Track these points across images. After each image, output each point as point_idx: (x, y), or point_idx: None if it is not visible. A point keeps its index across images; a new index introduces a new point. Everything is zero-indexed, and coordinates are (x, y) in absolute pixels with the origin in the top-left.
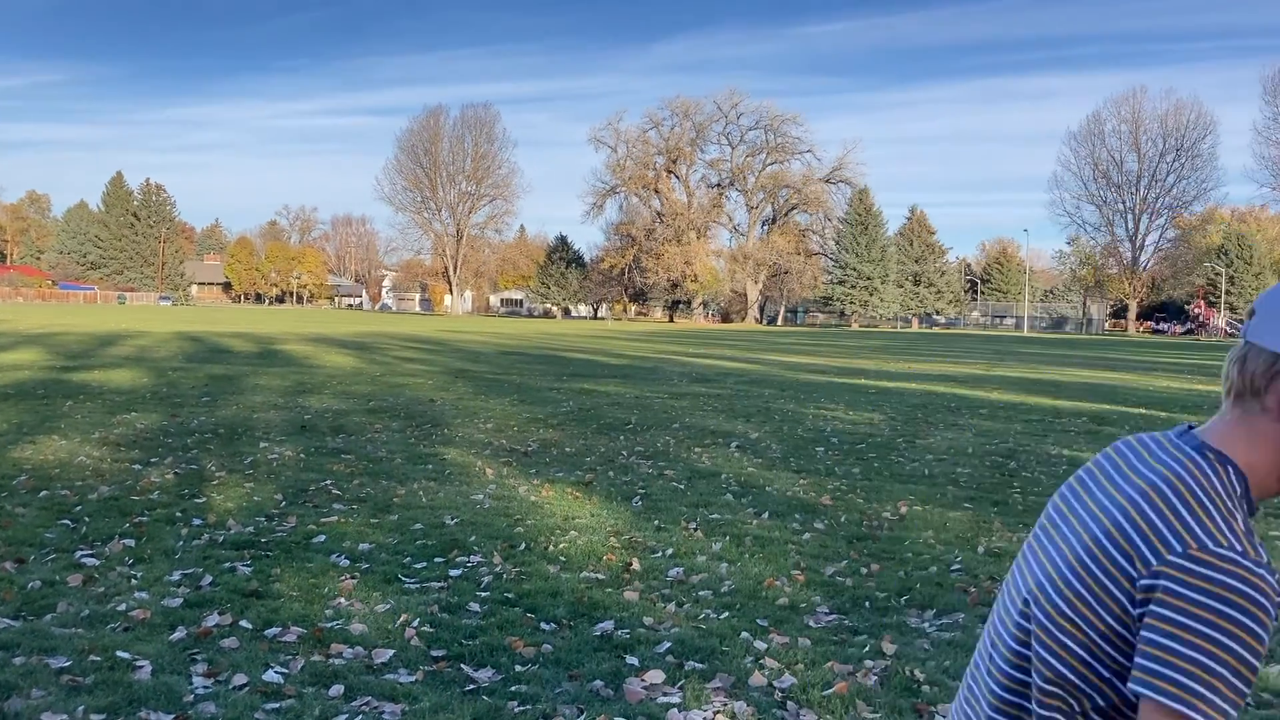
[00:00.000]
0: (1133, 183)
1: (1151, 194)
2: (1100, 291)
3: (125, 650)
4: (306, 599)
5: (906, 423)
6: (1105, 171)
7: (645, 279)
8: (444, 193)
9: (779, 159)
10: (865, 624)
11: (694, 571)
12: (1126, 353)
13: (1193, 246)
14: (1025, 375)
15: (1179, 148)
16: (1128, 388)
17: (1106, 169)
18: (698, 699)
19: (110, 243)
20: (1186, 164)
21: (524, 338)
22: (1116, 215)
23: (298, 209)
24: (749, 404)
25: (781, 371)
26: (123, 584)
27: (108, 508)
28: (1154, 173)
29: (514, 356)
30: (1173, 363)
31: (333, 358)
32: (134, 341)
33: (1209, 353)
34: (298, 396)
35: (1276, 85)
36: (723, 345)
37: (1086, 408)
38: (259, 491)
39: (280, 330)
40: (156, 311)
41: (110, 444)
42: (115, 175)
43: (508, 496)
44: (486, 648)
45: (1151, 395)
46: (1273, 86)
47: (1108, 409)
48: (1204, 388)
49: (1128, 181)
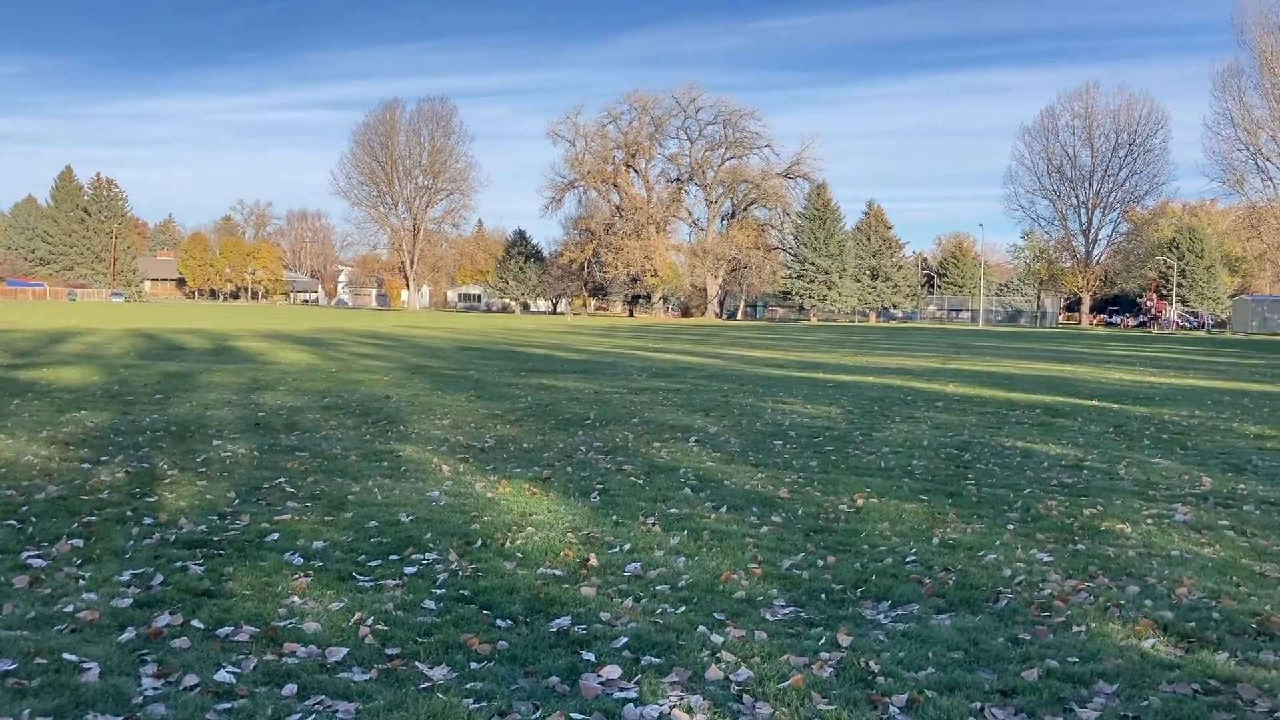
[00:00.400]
0: (1086, 177)
1: (1104, 188)
2: (1054, 285)
3: (72, 652)
4: (259, 598)
5: (863, 416)
6: (1059, 166)
7: (605, 273)
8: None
9: (738, 154)
10: (821, 616)
11: (652, 566)
12: (1080, 345)
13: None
14: (980, 368)
15: (1131, 142)
16: (1081, 380)
17: (1060, 163)
18: (654, 694)
19: (60, 238)
20: (1138, 158)
21: (482, 333)
22: (1070, 209)
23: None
24: (708, 398)
25: (740, 366)
26: (70, 585)
27: (55, 508)
28: (1106, 167)
29: (472, 352)
30: (1125, 355)
31: (288, 354)
32: (85, 339)
33: (1161, 345)
34: (252, 393)
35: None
36: (682, 340)
37: (1040, 400)
38: (212, 490)
39: (235, 326)
40: (108, 308)
41: (59, 443)
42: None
43: (464, 493)
44: (442, 645)
45: (1104, 388)
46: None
47: (1061, 401)
48: (1155, 379)
49: (1081, 176)
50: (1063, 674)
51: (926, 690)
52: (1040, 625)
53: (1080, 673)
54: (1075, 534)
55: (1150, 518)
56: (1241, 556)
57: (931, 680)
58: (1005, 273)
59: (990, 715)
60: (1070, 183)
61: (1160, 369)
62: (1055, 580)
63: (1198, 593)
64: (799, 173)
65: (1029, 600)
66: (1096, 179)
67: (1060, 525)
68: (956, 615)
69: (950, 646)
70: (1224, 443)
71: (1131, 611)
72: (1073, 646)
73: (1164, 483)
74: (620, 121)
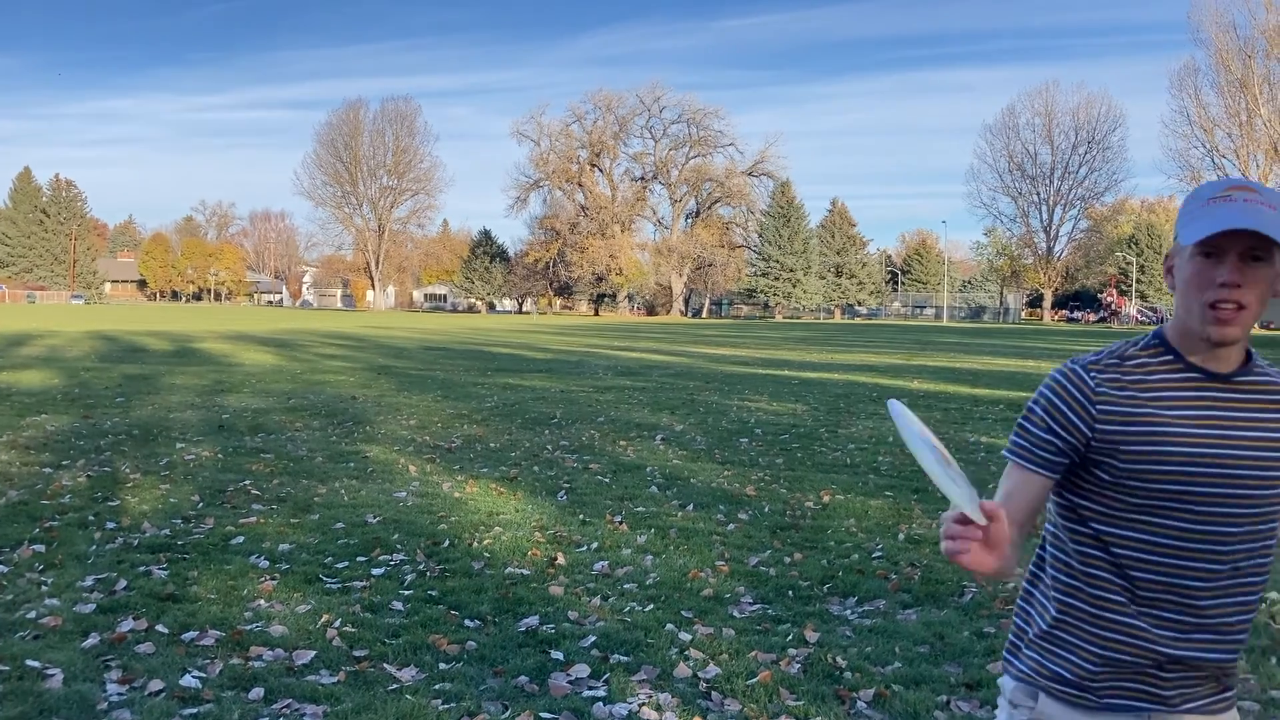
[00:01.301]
0: (1046, 174)
1: (1064, 185)
2: (1016, 281)
3: (35, 659)
4: (225, 601)
5: (829, 413)
6: (1020, 164)
7: (570, 273)
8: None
9: (702, 152)
10: (788, 613)
11: (619, 565)
12: (1042, 341)
13: (1104, 236)
14: (944, 364)
15: (1090, 140)
16: (1043, 374)
17: (1021, 161)
18: (623, 692)
19: (18, 240)
20: (1097, 156)
21: (448, 333)
22: (1031, 206)
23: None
24: (674, 396)
25: (706, 364)
26: (32, 591)
27: (16, 512)
28: (1066, 164)
29: (437, 352)
30: (1086, 349)
31: (252, 355)
32: (44, 341)
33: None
34: (215, 395)
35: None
36: (648, 338)
37: (1004, 395)
38: (175, 493)
39: (198, 328)
40: (68, 310)
41: (19, 447)
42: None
43: (431, 494)
44: (410, 646)
45: None
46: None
47: (1025, 395)
48: None
49: (1041, 173)
50: None
51: (893, 684)
52: (1005, 618)
53: None
54: (1038, 528)
55: None
56: None
57: (898, 674)
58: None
59: (956, 708)
60: (1031, 180)
61: None
62: (1019, 574)
63: None
64: (763, 171)
65: (993, 594)
66: (1057, 176)
67: None
68: (922, 610)
69: (916, 641)
70: None
71: None
72: None
73: None
74: (585, 121)
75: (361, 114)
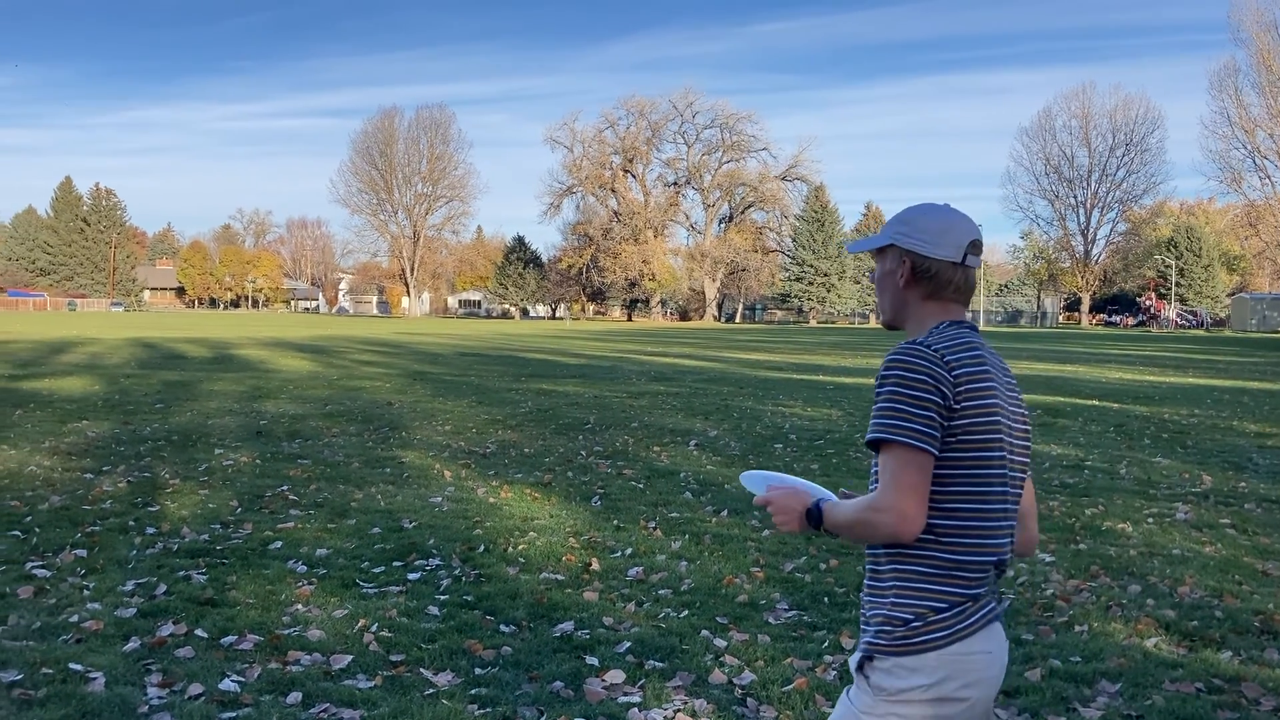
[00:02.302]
0: (1083, 177)
1: (1102, 188)
2: (1054, 285)
3: (78, 662)
4: (263, 606)
5: (864, 418)
6: (1056, 166)
7: (603, 278)
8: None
9: (735, 157)
10: (824, 620)
11: (653, 570)
12: (1079, 345)
13: (1143, 239)
14: None
15: (1128, 142)
16: (1081, 379)
17: (1058, 164)
18: (658, 698)
19: (60, 249)
20: (1135, 158)
21: (482, 339)
22: (1068, 209)
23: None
24: (707, 402)
25: (740, 369)
26: (75, 595)
27: (59, 518)
28: (1104, 167)
29: (472, 358)
30: (1124, 354)
31: (289, 362)
32: (85, 348)
33: (1160, 344)
34: (253, 401)
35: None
36: (681, 343)
37: (1041, 400)
38: (214, 498)
39: (235, 335)
40: (108, 318)
41: (61, 453)
42: (64, 180)
43: (466, 499)
44: (446, 651)
45: (1104, 387)
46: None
47: (1062, 401)
48: (1156, 378)
49: (1079, 176)
50: (1065, 673)
51: None
52: (1043, 625)
53: (1083, 672)
54: (1077, 534)
55: (1151, 517)
56: (1243, 555)
57: None
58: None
59: (994, 716)
60: (1068, 183)
61: (1160, 368)
62: (1057, 580)
63: (1200, 591)
64: (796, 175)
65: (1031, 600)
66: (1094, 179)
67: (1062, 525)
68: None
69: None
70: (1224, 441)
71: (1134, 611)
72: (1075, 646)
73: (1165, 482)
74: (617, 126)
75: (396, 121)
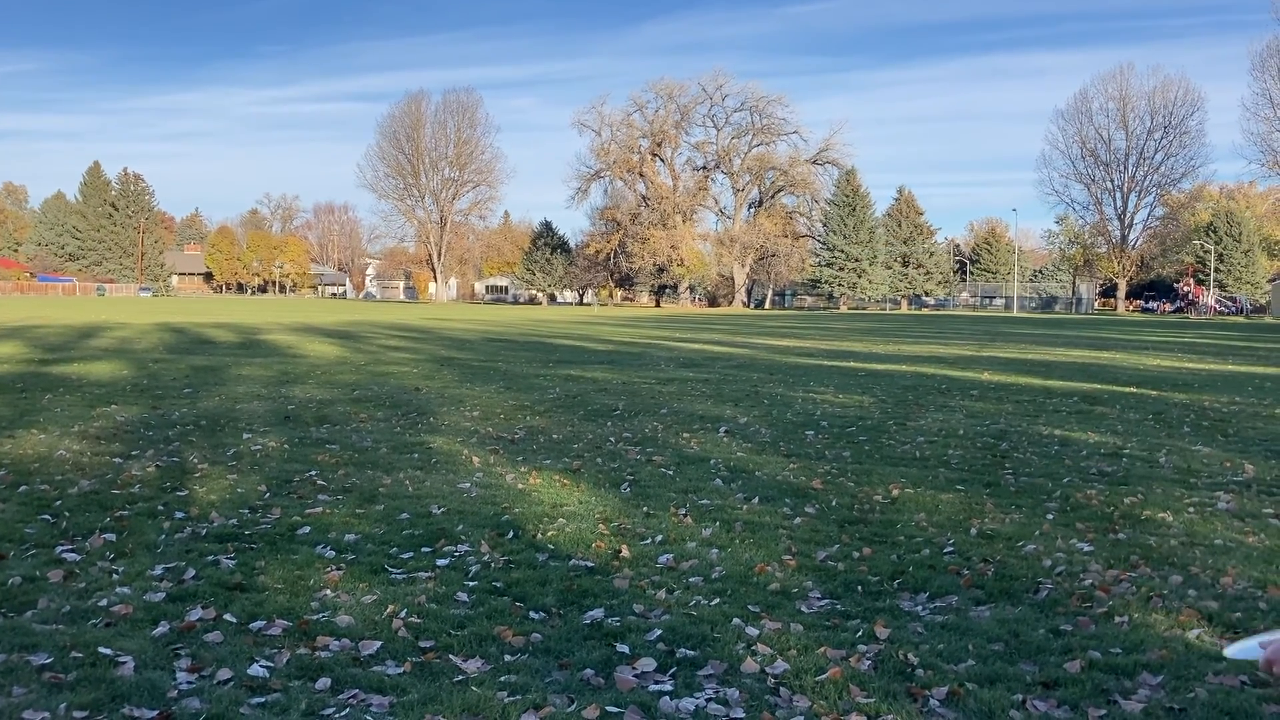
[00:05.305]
0: (1120, 161)
1: (1139, 172)
2: (1089, 270)
3: (107, 646)
4: (292, 591)
5: (897, 405)
6: (1093, 150)
7: (631, 264)
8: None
9: (765, 141)
10: (858, 608)
11: (684, 558)
12: (1116, 332)
13: (1181, 224)
14: (1015, 356)
15: (1166, 125)
16: (1118, 366)
17: (1094, 147)
18: (690, 686)
19: (88, 234)
20: (1174, 141)
21: (509, 324)
22: (1105, 194)
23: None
24: (737, 388)
25: (769, 355)
26: (104, 579)
27: (88, 502)
28: (1142, 150)
29: (500, 343)
30: (1162, 341)
31: (316, 347)
32: (114, 333)
33: (1198, 330)
34: (281, 387)
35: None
36: (710, 329)
37: (1078, 387)
38: (242, 483)
39: (263, 320)
40: (136, 303)
41: (90, 437)
42: (93, 165)
43: (495, 485)
44: (475, 638)
45: (1142, 374)
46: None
47: (1099, 388)
48: (1194, 365)
49: (1115, 159)
50: (1106, 665)
51: (967, 683)
52: (1082, 616)
53: (1124, 664)
54: (1116, 523)
55: (1192, 506)
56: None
57: (972, 672)
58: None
59: (1032, 708)
60: (1105, 166)
61: (1199, 355)
62: (1096, 570)
63: (1243, 582)
64: (827, 159)
65: (1070, 591)
66: (1131, 162)
67: (1100, 514)
68: (996, 607)
69: (990, 638)
70: (1266, 429)
71: (1175, 602)
72: (1115, 638)
73: (1205, 470)
74: (646, 110)
75: (423, 106)
